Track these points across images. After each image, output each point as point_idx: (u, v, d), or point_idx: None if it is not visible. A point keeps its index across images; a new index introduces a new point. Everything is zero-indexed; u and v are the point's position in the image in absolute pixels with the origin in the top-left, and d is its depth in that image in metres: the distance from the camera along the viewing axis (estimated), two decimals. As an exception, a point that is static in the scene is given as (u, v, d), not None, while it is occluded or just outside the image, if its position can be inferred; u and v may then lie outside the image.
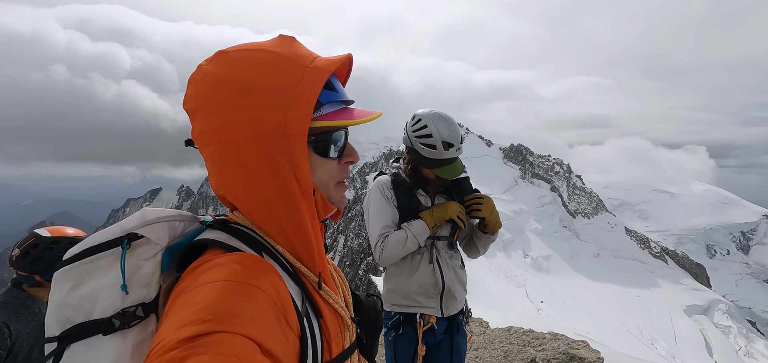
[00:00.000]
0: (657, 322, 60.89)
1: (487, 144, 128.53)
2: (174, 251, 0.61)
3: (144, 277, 0.57)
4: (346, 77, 0.71)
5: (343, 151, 0.67)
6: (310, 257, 0.65)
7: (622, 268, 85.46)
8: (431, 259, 1.86)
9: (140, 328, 0.56)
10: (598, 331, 48.21)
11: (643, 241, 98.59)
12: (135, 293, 0.56)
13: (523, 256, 75.08)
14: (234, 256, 0.57)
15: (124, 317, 0.55)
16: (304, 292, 0.63)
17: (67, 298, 0.56)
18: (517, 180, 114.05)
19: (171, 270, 0.60)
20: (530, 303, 54.55)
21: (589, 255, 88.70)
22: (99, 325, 0.55)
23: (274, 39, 0.64)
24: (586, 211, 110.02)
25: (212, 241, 0.60)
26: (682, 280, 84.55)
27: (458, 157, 1.81)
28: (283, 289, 0.56)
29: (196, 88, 0.62)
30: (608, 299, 66.20)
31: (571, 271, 77.31)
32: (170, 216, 0.63)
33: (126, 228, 0.59)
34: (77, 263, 0.58)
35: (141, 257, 0.58)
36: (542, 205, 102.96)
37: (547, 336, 3.48)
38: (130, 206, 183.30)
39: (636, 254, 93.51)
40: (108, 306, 0.56)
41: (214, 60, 0.62)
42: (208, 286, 0.50)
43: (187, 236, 0.64)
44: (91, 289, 0.56)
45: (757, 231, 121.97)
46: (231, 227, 0.63)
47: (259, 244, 0.62)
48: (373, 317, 0.87)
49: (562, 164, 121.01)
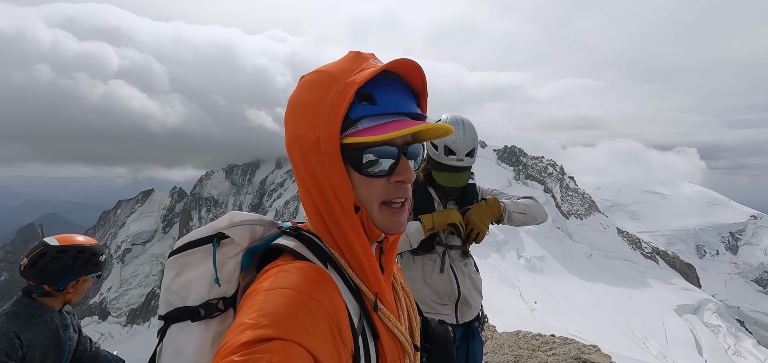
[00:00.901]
0: (648, 321, 61.53)
1: (482, 145, 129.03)
2: (253, 253, 0.67)
3: (226, 274, 0.64)
4: (424, 85, 0.67)
5: (394, 169, 0.63)
6: (363, 276, 0.65)
7: (614, 268, 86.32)
8: (443, 268, 1.85)
9: (220, 320, 0.63)
10: (591, 330, 48.55)
11: (634, 242, 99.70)
12: (220, 287, 0.64)
13: (516, 257, 75.47)
14: (299, 264, 0.59)
15: (208, 308, 0.63)
16: (363, 310, 0.64)
17: (171, 284, 0.66)
18: (510, 181, 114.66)
19: (250, 269, 0.65)
20: (524, 303, 54.77)
21: (581, 255, 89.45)
22: (189, 312, 0.63)
23: (345, 56, 0.65)
24: (578, 212, 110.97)
25: (284, 247, 0.64)
26: (673, 280, 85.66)
27: (465, 170, 1.76)
28: (340, 304, 0.58)
29: (286, 109, 0.66)
30: (600, 299, 66.78)
31: (564, 271, 77.88)
32: (253, 220, 0.68)
33: (217, 228, 0.66)
34: (180, 254, 0.66)
35: (226, 255, 0.65)
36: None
37: (557, 341, 3.51)
38: (122, 208, 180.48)
39: (628, 255, 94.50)
40: (197, 296, 0.64)
41: (297, 85, 0.66)
42: (271, 293, 0.54)
43: (265, 240, 0.68)
44: (187, 278, 0.65)
45: (746, 231, 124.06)
46: (303, 236, 0.66)
47: (325, 255, 0.64)
48: (442, 346, 0.83)
49: (555, 165, 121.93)
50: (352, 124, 0.60)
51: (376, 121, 0.61)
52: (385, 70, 0.62)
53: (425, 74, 0.65)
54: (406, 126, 0.60)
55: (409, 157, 0.65)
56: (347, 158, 0.62)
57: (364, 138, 0.60)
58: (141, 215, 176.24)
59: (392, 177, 0.64)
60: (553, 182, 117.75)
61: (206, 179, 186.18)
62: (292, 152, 0.65)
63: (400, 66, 0.63)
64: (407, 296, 0.79)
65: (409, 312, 0.77)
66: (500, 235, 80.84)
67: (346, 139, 0.61)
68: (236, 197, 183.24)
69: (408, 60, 0.62)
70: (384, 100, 0.62)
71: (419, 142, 0.68)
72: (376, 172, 0.62)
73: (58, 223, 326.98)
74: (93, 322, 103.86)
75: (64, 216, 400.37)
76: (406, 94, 0.65)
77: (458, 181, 1.77)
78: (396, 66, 0.63)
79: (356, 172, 0.62)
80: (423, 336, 0.79)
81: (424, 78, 0.66)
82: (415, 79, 0.66)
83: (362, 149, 0.61)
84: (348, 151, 0.61)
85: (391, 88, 0.63)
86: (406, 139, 0.65)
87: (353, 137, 0.61)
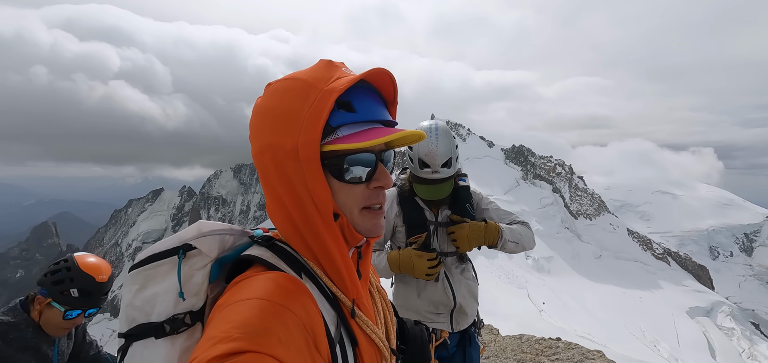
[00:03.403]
0: (659, 324, 60.57)
1: (489, 145, 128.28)
2: (223, 263, 0.64)
3: (194, 286, 0.61)
4: (394, 93, 0.68)
5: (372, 175, 0.64)
6: (341, 282, 0.64)
7: (624, 269, 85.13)
8: (438, 278, 1.80)
9: (187, 335, 0.60)
10: (600, 332, 47.96)
11: (645, 243, 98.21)
12: (185, 301, 0.60)
13: (524, 257, 74.77)
14: (271, 274, 0.58)
15: (174, 323, 0.59)
16: (341, 317, 0.63)
17: (134, 299, 0.61)
18: (518, 181, 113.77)
19: (219, 281, 0.63)
20: (532, 304, 54.31)
21: (590, 256, 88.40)
22: (153, 328, 0.59)
23: (316, 64, 0.64)
24: (588, 213, 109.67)
25: (256, 257, 0.62)
26: (685, 281, 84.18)
27: (445, 181, 1.67)
28: (315, 314, 0.57)
29: (251, 117, 0.65)
30: (610, 301, 65.92)
31: (573, 272, 77.04)
32: (222, 230, 0.65)
33: (183, 238, 0.63)
34: (143, 268, 0.62)
35: (193, 267, 0.61)
36: (544, 206, 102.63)
37: (560, 345, 3.43)
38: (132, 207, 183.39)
39: (638, 256, 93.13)
40: (163, 311, 0.60)
41: (263, 92, 0.65)
42: (242, 304, 0.52)
43: (235, 249, 0.66)
44: (151, 293, 0.61)
45: (761, 233, 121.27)
46: (275, 245, 0.64)
47: (299, 264, 0.63)
48: (418, 348, 0.83)
49: (564, 165, 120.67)
50: (331, 131, 0.60)
51: (355, 129, 0.61)
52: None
53: (397, 83, 0.67)
54: (386, 133, 0.61)
55: (384, 164, 0.66)
56: (327, 165, 0.61)
57: (345, 145, 0.60)
58: (151, 214, 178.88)
59: (371, 183, 0.64)
60: (561, 182, 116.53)
61: (215, 178, 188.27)
62: (262, 161, 0.63)
63: (374, 75, 0.64)
64: (383, 299, 0.78)
65: (386, 314, 0.77)
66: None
67: (326, 147, 0.60)
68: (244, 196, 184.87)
69: (381, 69, 0.63)
70: (362, 108, 0.62)
71: (391, 149, 0.69)
72: (357, 179, 0.63)
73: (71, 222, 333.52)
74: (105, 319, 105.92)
75: (77, 215, 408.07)
76: (379, 102, 0.66)
77: (438, 193, 1.70)
78: (370, 75, 0.63)
79: (335, 179, 0.62)
80: (399, 337, 0.78)
81: (395, 86, 0.67)
82: (386, 87, 0.67)
83: (343, 156, 0.61)
84: (328, 159, 0.61)
85: (366, 96, 0.64)
86: (381, 146, 0.65)
87: (334, 144, 0.60)
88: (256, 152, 0.64)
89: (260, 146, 0.63)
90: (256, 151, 0.64)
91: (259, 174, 0.65)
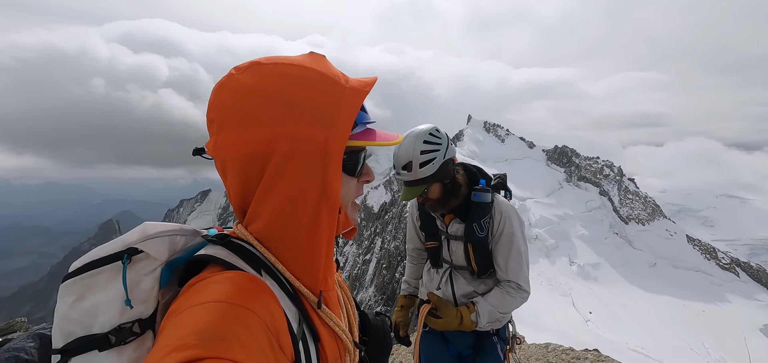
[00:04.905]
0: (727, 341, 54.54)
1: (529, 145, 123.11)
2: (174, 266, 0.60)
3: (142, 293, 0.56)
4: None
5: (361, 171, 0.67)
6: (314, 275, 0.63)
7: (684, 279, 77.83)
8: (440, 284, 1.87)
9: (137, 345, 0.55)
10: (656, 347, 44.02)
11: (708, 251, 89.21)
12: (133, 309, 0.55)
13: (568, 263, 70.73)
14: (229, 274, 0.55)
15: (120, 333, 0.54)
16: (303, 313, 0.61)
17: (70, 312, 0.55)
18: (561, 183, 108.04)
19: (171, 285, 0.59)
20: (577, 314, 51.09)
21: (643, 264, 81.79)
22: (95, 341, 0.54)
23: (306, 55, 0.63)
24: (640, 217, 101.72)
25: (211, 257, 0.59)
26: (758, 295, 75.26)
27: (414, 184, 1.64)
28: (278, 312, 0.55)
29: (224, 97, 0.59)
30: (667, 313, 60.48)
31: (623, 280, 71.62)
32: (171, 230, 0.62)
33: (127, 242, 0.58)
34: (80, 277, 0.56)
35: (140, 272, 0.57)
36: (590, 210, 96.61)
37: (589, 356, 2.87)
38: (183, 206, 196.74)
39: (700, 265, 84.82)
40: (106, 321, 0.54)
41: (248, 70, 0.60)
42: (198, 308, 0.48)
43: (188, 250, 0.63)
44: (92, 303, 0.55)
45: None
46: (232, 243, 0.61)
47: (259, 261, 0.60)
48: (380, 338, 0.82)
49: (612, 167, 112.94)
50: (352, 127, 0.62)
51: (362, 128, 0.65)
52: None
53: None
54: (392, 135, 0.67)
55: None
56: (344, 160, 0.62)
57: (363, 142, 0.63)
58: (200, 213, 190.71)
59: (361, 178, 0.68)
60: (610, 184, 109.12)
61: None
62: (269, 148, 0.58)
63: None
64: (345, 293, 0.78)
65: (348, 309, 0.76)
66: (550, 239, 76.31)
67: (351, 142, 0.62)
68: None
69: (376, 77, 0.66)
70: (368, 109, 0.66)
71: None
72: (361, 174, 0.67)
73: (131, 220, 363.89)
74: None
75: (136, 213, 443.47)
76: None
77: (406, 195, 1.66)
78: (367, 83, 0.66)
79: (345, 173, 0.64)
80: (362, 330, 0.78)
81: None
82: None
83: (359, 152, 0.64)
84: (347, 153, 0.62)
85: None
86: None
87: (356, 141, 0.62)
88: (249, 139, 0.58)
89: (264, 134, 0.57)
90: (249, 138, 0.58)
91: (242, 162, 0.59)
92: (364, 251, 71.50)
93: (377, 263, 64.78)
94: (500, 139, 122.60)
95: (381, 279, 60.27)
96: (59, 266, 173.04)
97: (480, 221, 1.68)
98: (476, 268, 1.74)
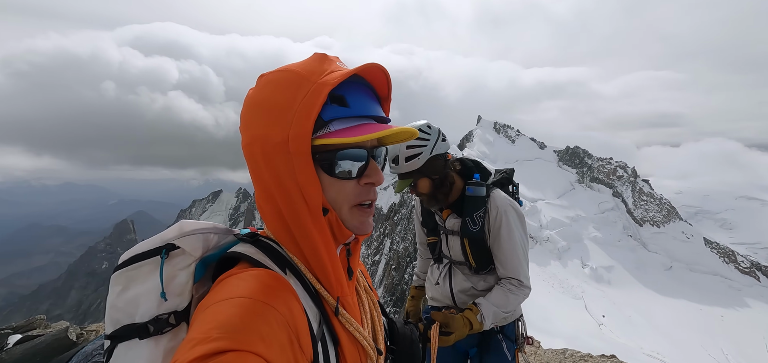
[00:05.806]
0: (746, 347, 52.90)
1: (540, 146, 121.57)
2: (208, 262, 0.64)
3: (178, 286, 0.61)
4: (388, 90, 0.68)
5: (363, 171, 0.64)
6: (326, 280, 0.64)
7: (701, 283, 75.80)
8: (438, 280, 1.90)
9: (172, 336, 0.59)
10: (672, 352, 42.98)
11: (727, 254, 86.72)
12: (169, 301, 0.60)
13: (580, 266, 69.55)
14: (254, 271, 0.58)
15: (158, 324, 0.59)
16: (323, 315, 0.63)
17: (117, 301, 0.61)
18: (573, 184, 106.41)
19: (205, 280, 0.63)
20: (590, 317, 50.15)
21: (658, 267, 79.95)
22: (136, 329, 0.59)
23: (310, 57, 0.65)
24: (655, 219, 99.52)
25: (241, 254, 0.62)
26: (779, 300, 72.80)
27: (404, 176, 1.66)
28: (298, 311, 0.57)
29: (242, 108, 0.65)
30: (684, 317, 58.96)
31: (637, 283, 70.10)
32: (205, 228, 0.65)
33: (165, 238, 0.63)
34: (125, 269, 0.62)
35: (176, 267, 0.61)
36: (603, 212, 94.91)
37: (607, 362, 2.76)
38: (195, 207, 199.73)
39: (718, 268, 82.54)
40: (146, 311, 0.60)
41: (256, 83, 0.65)
42: (223, 303, 0.51)
43: (221, 248, 0.66)
44: (134, 294, 0.60)
45: None
46: (261, 242, 0.64)
47: (284, 260, 0.63)
48: (408, 347, 0.82)
49: (626, 168, 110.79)
50: (323, 125, 0.60)
51: (347, 124, 0.61)
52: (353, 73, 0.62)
53: (391, 79, 0.67)
54: (378, 129, 0.61)
55: (375, 160, 0.66)
56: (318, 160, 0.61)
57: (337, 139, 0.59)
58: (211, 214, 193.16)
59: (362, 179, 0.64)
60: (623, 186, 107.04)
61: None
62: (252, 153, 0.62)
63: (368, 70, 0.63)
64: (371, 299, 0.78)
65: (373, 314, 0.76)
66: (561, 241, 75.11)
67: (317, 141, 0.60)
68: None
69: (376, 64, 0.63)
70: (355, 103, 0.62)
71: (383, 146, 0.69)
72: (347, 174, 0.63)
73: (145, 221, 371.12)
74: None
75: (151, 214, 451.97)
76: (373, 97, 0.66)
77: (397, 187, 1.70)
78: (364, 70, 0.62)
79: (326, 174, 0.62)
80: (389, 337, 0.78)
81: (389, 83, 0.67)
82: (380, 83, 0.67)
83: (334, 151, 0.61)
84: (319, 153, 0.61)
85: (360, 91, 0.64)
86: (373, 142, 0.65)
87: (326, 139, 0.60)
88: (245, 143, 0.63)
89: (250, 137, 0.62)
90: (245, 142, 0.63)
91: (248, 166, 0.64)
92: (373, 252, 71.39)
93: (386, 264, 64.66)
94: (510, 139, 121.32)
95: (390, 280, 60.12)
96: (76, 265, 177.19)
97: (473, 215, 1.67)
98: (474, 263, 1.73)
